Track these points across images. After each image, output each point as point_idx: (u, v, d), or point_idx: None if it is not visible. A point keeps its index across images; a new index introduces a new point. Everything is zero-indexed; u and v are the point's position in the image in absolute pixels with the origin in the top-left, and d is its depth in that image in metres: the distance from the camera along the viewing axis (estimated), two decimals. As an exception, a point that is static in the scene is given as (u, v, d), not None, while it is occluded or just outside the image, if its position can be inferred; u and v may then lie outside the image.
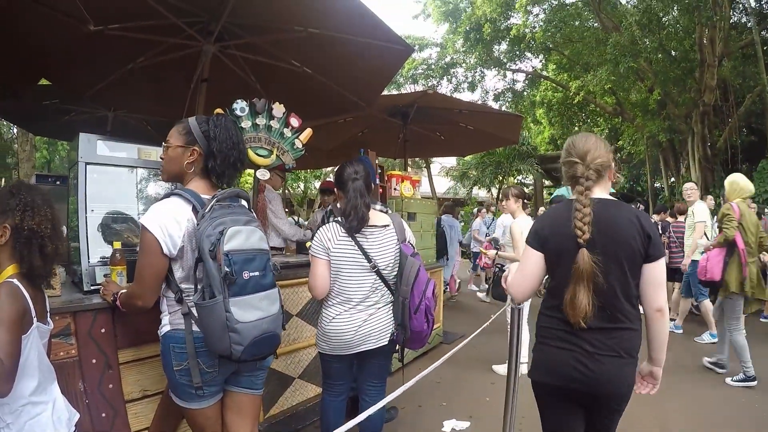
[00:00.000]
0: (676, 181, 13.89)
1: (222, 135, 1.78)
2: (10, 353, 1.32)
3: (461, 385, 3.96)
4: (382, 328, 2.29)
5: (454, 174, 20.70)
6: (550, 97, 18.52)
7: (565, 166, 1.82)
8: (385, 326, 2.30)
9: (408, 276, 2.27)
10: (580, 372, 1.67)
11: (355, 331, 2.24)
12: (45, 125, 6.45)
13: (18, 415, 1.41)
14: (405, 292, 2.26)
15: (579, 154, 1.75)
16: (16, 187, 1.50)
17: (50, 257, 1.51)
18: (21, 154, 9.07)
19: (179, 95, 4.19)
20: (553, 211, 1.86)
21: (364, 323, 2.25)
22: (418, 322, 2.27)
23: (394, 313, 2.33)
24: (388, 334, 2.30)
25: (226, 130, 1.80)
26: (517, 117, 7.20)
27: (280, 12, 3.35)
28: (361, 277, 2.26)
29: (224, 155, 1.78)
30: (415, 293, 2.27)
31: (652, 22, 11.35)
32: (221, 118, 1.85)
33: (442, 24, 17.68)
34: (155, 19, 3.10)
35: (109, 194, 2.40)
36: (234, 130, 1.84)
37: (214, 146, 1.77)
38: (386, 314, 2.32)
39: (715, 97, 11.83)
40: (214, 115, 1.88)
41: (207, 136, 1.77)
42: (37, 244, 1.47)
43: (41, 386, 1.48)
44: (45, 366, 1.52)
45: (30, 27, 3.17)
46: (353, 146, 5.35)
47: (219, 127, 1.79)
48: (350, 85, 4.14)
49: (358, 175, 2.29)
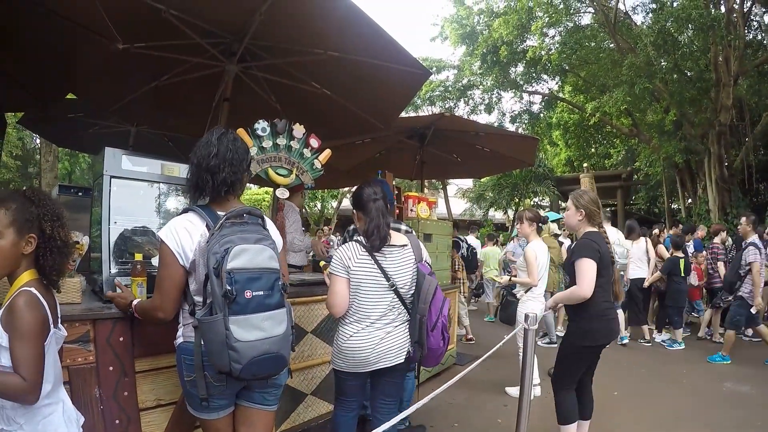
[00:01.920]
0: (693, 202, 13.69)
1: (201, 152, 1.80)
2: (36, 367, 1.36)
3: (474, 406, 3.91)
4: (399, 346, 2.30)
5: (470, 196, 20.64)
6: (566, 118, 18.55)
7: (594, 209, 2.85)
8: (402, 344, 2.31)
9: (426, 294, 2.28)
10: (615, 332, 2.89)
11: (372, 348, 2.25)
12: (69, 138, 6.62)
13: (32, 415, 1.44)
14: (423, 309, 2.27)
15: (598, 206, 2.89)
16: (34, 195, 1.52)
17: (64, 264, 1.55)
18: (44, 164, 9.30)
19: (201, 113, 4.31)
20: (596, 236, 2.80)
21: (381, 341, 2.26)
22: (434, 340, 2.29)
23: (411, 331, 2.33)
24: (404, 352, 2.31)
25: (206, 147, 1.81)
26: (533, 139, 7.22)
27: (301, 35, 3.45)
28: (380, 296, 2.28)
29: (201, 168, 1.79)
30: (433, 311, 2.29)
31: (667, 42, 11.33)
32: (209, 132, 1.87)
33: (459, 46, 17.82)
34: (180, 39, 3.22)
35: (132, 207, 2.46)
36: (213, 138, 1.83)
37: (192, 158, 1.81)
38: (403, 332, 2.33)
39: (731, 117, 11.72)
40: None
41: (192, 162, 1.82)
42: (57, 252, 1.50)
43: (54, 388, 1.50)
44: (57, 370, 1.55)
45: (61, 43, 3.30)
46: (371, 167, 5.42)
47: (198, 147, 1.82)
48: (369, 107, 4.21)
49: (378, 196, 2.32)
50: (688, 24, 10.84)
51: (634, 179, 17.52)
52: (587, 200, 2.88)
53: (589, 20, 14.85)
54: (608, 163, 20.64)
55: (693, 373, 5.13)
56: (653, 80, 11.56)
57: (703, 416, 3.88)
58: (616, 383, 4.62)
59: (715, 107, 11.59)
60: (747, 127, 12.34)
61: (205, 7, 3.10)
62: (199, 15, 3.12)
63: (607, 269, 2.78)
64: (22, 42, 3.29)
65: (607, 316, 2.81)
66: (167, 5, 2.93)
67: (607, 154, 20.69)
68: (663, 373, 5.12)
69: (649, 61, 11.20)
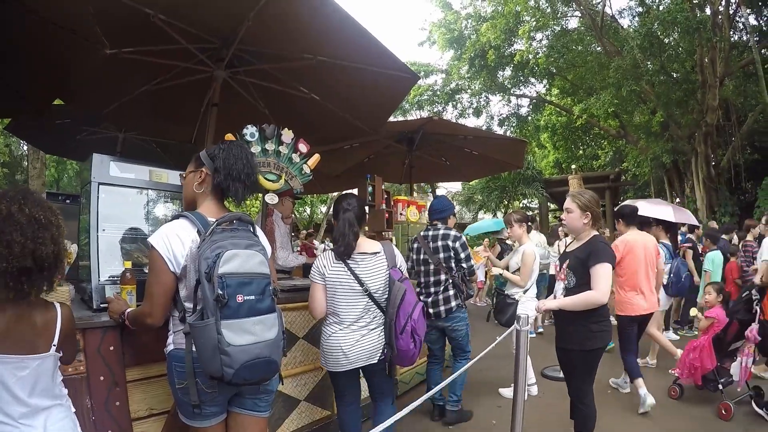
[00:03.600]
0: (681, 201, 13.87)
1: (225, 153, 1.86)
2: None
3: (468, 408, 3.91)
4: (374, 347, 2.50)
5: (459, 199, 20.72)
6: (554, 121, 18.71)
7: (597, 210, 2.83)
8: (377, 346, 2.50)
9: (394, 299, 2.48)
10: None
11: (350, 347, 2.46)
12: (56, 144, 6.54)
13: None
14: (391, 314, 2.47)
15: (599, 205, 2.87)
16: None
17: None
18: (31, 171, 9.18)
19: (190, 119, 4.29)
20: (604, 239, 2.83)
21: (356, 342, 2.47)
22: (404, 342, 2.47)
23: (386, 333, 2.52)
24: (378, 352, 2.50)
25: (229, 149, 1.88)
26: (521, 142, 7.28)
27: (290, 40, 3.45)
28: (354, 299, 2.49)
29: (228, 169, 1.84)
30: (401, 315, 2.46)
31: (654, 45, 11.51)
32: (229, 142, 1.94)
33: (447, 51, 17.97)
34: (169, 44, 3.20)
35: (120, 214, 2.44)
36: (239, 149, 1.91)
37: (218, 163, 1.85)
38: (378, 335, 2.52)
39: (718, 117, 11.93)
40: (223, 141, 1.97)
41: (212, 157, 1.87)
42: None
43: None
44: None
45: (48, 48, 3.27)
46: (360, 172, 5.42)
47: (223, 149, 1.88)
48: (357, 112, 4.22)
49: (350, 207, 2.58)
50: (674, 27, 11.05)
51: (622, 180, 17.72)
52: (590, 200, 2.82)
53: (576, 24, 15.11)
54: (596, 164, 20.86)
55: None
56: (640, 82, 11.73)
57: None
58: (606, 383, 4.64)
59: (702, 108, 11.78)
60: (734, 127, 12.55)
61: (193, 12, 3.08)
62: (187, 20, 3.11)
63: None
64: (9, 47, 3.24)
65: (608, 316, 2.83)
66: (156, 10, 2.92)
67: (595, 155, 20.91)
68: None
69: (635, 63, 11.37)
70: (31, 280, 1.48)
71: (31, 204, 1.49)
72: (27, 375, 1.48)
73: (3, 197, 1.47)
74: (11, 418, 1.45)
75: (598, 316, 2.73)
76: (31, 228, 1.47)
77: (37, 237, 1.47)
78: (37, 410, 1.50)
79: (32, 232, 1.46)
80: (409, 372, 4.34)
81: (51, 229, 1.52)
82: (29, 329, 1.50)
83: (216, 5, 3.08)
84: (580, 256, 2.77)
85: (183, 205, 2.00)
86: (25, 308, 1.50)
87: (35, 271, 1.48)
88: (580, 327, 2.75)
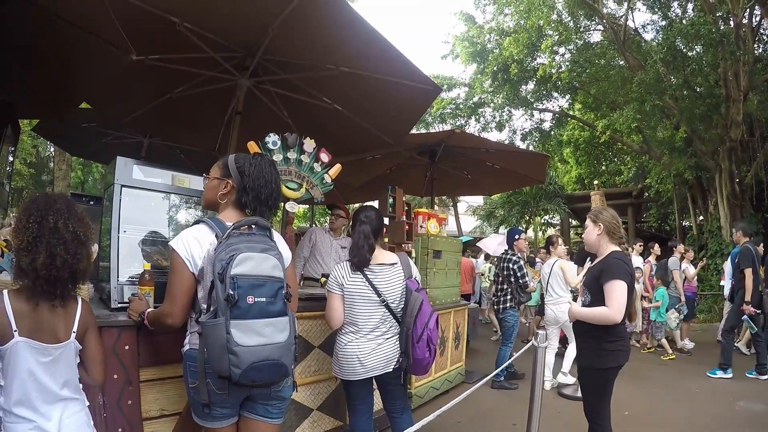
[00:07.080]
0: (704, 219, 13.53)
1: (255, 173, 1.89)
2: None
3: (481, 425, 3.83)
4: (389, 356, 2.52)
5: (480, 213, 20.54)
6: (576, 136, 18.48)
7: (614, 223, 2.76)
8: (393, 355, 2.53)
9: (412, 308, 2.50)
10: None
11: (366, 357, 2.48)
12: (82, 147, 6.72)
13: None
14: (408, 323, 2.49)
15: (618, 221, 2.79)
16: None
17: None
18: (57, 172, 9.46)
19: (213, 126, 4.35)
20: (623, 255, 2.73)
21: (372, 351, 2.49)
22: (420, 351, 2.46)
23: (400, 342, 2.53)
24: (394, 361, 2.53)
25: (260, 169, 1.91)
26: (543, 156, 7.21)
27: (314, 51, 3.49)
28: (372, 309, 2.52)
29: (256, 192, 1.88)
30: (418, 324, 2.47)
31: (677, 59, 11.31)
32: (258, 157, 1.97)
33: (469, 64, 17.90)
34: (194, 52, 3.27)
35: (142, 217, 2.48)
36: (269, 169, 1.94)
37: (247, 182, 1.88)
38: (393, 344, 2.55)
39: (742, 132, 11.61)
40: (253, 154, 2.00)
41: (241, 172, 1.89)
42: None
43: (25, 404, 1.53)
44: (34, 384, 1.55)
45: (76, 52, 3.34)
46: (381, 183, 5.42)
47: (254, 166, 1.90)
48: (379, 123, 4.23)
49: (367, 219, 2.60)
50: (697, 40, 10.83)
51: (645, 196, 17.36)
52: (606, 216, 2.80)
53: (599, 38, 14.92)
54: (619, 180, 20.51)
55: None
56: (663, 97, 11.53)
57: None
58: (628, 402, 4.50)
59: (726, 123, 11.50)
60: (757, 142, 12.20)
61: (218, 21, 3.14)
62: (212, 29, 3.17)
63: (631, 290, 2.68)
64: (38, 51, 3.33)
65: (626, 336, 2.76)
66: (182, 18, 2.99)
67: (618, 171, 20.56)
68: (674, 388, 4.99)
69: (658, 77, 11.18)
70: (63, 286, 1.60)
71: (74, 220, 1.63)
72: (50, 362, 1.57)
73: (51, 208, 1.59)
74: (31, 403, 1.53)
75: (613, 335, 2.64)
76: (73, 245, 1.60)
77: (77, 253, 1.61)
78: (56, 399, 1.58)
79: (73, 249, 1.60)
80: (424, 386, 4.28)
81: (87, 246, 1.66)
82: (55, 320, 1.61)
83: (241, 15, 3.13)
84: (595, 272, 2.73)
85: (203, 202, 2.06)
86: (52, 303, 1.60)
87: (69, 280, 1.61)
88: (593, 345, 2.70)
